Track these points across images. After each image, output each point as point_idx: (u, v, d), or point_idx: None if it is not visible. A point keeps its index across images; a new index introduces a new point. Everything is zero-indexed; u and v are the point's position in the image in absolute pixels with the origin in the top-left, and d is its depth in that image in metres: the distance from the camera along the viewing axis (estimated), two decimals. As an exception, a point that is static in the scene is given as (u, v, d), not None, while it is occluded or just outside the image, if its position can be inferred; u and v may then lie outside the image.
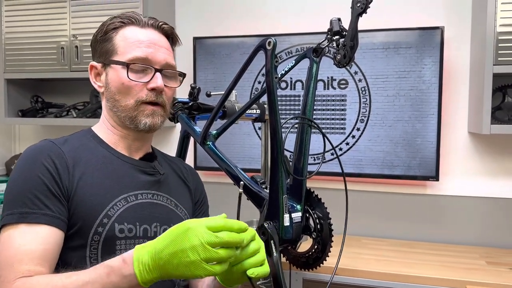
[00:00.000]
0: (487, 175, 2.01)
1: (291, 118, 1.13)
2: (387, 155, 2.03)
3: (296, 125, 1.04)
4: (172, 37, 1.04)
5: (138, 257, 0.73)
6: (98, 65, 1.00)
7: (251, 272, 0.74)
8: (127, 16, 0.99)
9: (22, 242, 0.83)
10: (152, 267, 0.71)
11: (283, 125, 0.96)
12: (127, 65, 0.95)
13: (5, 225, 0.86)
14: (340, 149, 2.09)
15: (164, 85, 0.98)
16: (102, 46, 0.99)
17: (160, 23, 1.01)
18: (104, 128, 1.02)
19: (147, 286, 0.74)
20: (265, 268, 0.76)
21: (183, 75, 1.05)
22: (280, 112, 0.98)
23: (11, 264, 0.81)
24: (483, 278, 1.59)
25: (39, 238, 0.84)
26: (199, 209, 1.14)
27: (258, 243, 0.77)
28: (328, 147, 1.90)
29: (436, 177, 1.97)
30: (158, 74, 0.96)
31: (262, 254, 0.77)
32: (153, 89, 0.96)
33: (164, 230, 0.98)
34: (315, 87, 1.00)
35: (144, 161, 1.03)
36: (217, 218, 0.72)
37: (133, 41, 0.96)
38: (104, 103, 1.02)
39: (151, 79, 0.96)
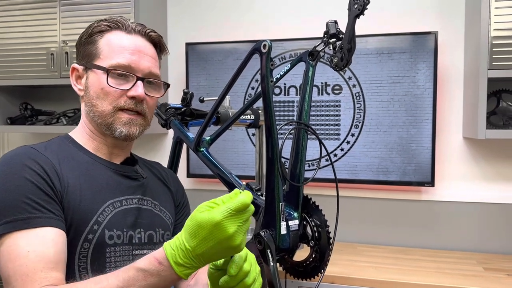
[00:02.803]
0: (482, 180, 2.00)
1: (287, 123, 1.10)
2: (382, 160, 2.02)
3: (292, 131, 1.01)
4: (159, 46, 1.01)
5: (174, 259, 0.72)
6: (80, 68, 0.97)
7: None
8: (114, 20, 0.97)
9: (31, 248, 0.79)
10: (193, 263, 0.72)
11: (278, 131, 0.94)
12: (107, 71, 0.92)
13: (2, 235, 0.81)
14: (335, 155, 2.07)
15: (146, 94, 0.95)
16: (85, 48, 0.97)
17: (148, 31, 0.98)
18: (83, 134, 0.99)
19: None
20: None
21: (167, 85, 1.02)
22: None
23: (25, 274, 0.78)
24: (481, 284, 1.57)
25: (47, 242, 0.81)
26: (181, 211, 1.11)
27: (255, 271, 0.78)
28: (324, 153, 1.88)
29: (431, 183, 1.96)
30: (139, 82, 0.94)
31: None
32: (133, 97, 0.94)
33: (149, 235, 0.97)
34: (311, 92, 0.98)
35: (125, 165, 1.01)
36: (232, 198, 0.71)
37: (117, 47, 0.94)
38: (83, 108, 0.99)
39: (132, 87, 0.93)
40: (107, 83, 0.92)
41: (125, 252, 0.92)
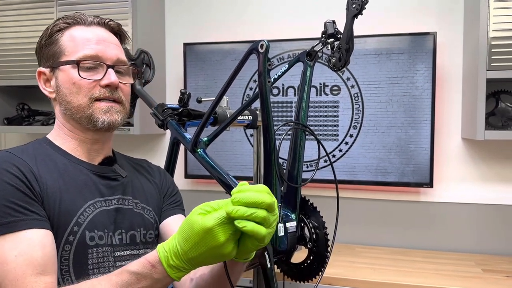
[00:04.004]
0: (481, 181, 2.00)
1: (285, 124, 1.09)
2: (380, 161, 2.01)
3: (290, 132, 1.00)
4: (120, 34, 1.01)
5: (167, 262, 0.72)
6: (46, 70, 0.97)
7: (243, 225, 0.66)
8: (71, 17, 0.97)
9: (18, 252, 0.78)
10: (186, 266, 0.71)
11: (276, 131, 0.93)
12: (77, 63, 0.91)
13: None
14: (333, 155, 2.06)
15: (119, 81, 0.95)
16: (48, 50, 0.96)
17: (107, 20, 0.98)
18: (60, 134, 0.98)
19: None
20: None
21: (136, 71, 1.02)
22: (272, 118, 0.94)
23: (14, 279, 0.76)
24: (480, 286, 1.57)
25: (34, 245, 0.79)
26: (169, 199, 1.09)
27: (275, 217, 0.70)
28: (322, 153, 1.87)
29: (430, 184, 1.95)
30: (110, 70, 0.93)
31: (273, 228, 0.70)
32: (107, 86, 0.93)
33: (131, 236, 0.96)
34: (309, 92, 0.97)
35: (104, 165, 0.99)
36: (227, 205, 0.67)
37: (81, 40, 0.93)
38: (57, 110, 0.98)
39: (103, 75, 0.93)
40: (79, 75, 0.91)
41: (107, 253, 0.91)
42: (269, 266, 0.90)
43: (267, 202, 0.65)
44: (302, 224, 0.99)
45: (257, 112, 1.50)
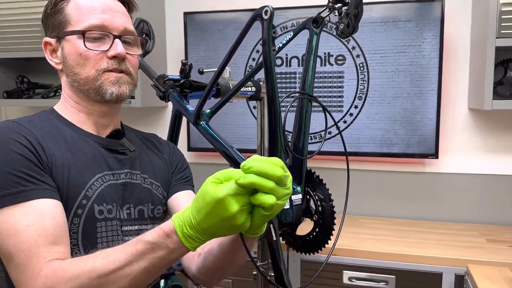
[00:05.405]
0: (487, 152, 1.98)
1: (289, 95, 1.06)
2: (385, 133, 1.98)
3: (295, 103, 0.97)
4: (127, 2, 0.97)
5: (182, 231, 0.69)
6: (52, 41, 0.93)
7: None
8: None
9: (29, 222, 0.76)
10: (200, 236, 0.69)
11: (281, 103, 0.90)
12: (82, 34, 0.88)
13: None
14: (338, 127, 2.04)
15: (126, 52, 0.91)
16: (53, 19, 0.92)
17: None
18: (67, 107, 0.95)
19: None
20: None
21: (144, 41, 0.99)
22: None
23: (27, 249, 0.75)
24: (484, 256, 1.57)
25: (45, 214, 0.78)
26: (178, 174, 1.07)
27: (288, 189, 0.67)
28: (330, 124, 1.84)
29: (435, 155, 1.93)
30: (117, 40, 0.90)
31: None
32: (114, 57, 0.90)
33: (139, 211, 0.95)
34: (315, 61, 0.94)
35: (112, 139, 0.97)
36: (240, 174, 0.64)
37: (86, 9, 0.89)
38: (64, 80, 0.95)
39: (110, 46, 0.89)
40: (85, 46, 0.88)
41: (116, 227, 0.90)
42: (274, 238, 0.89)
43: (277, 174, 0.63)
44: (308, 197, 0.98)
45: (261, 83, 1.46)
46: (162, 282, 1.24)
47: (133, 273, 0.71)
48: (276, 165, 0.64)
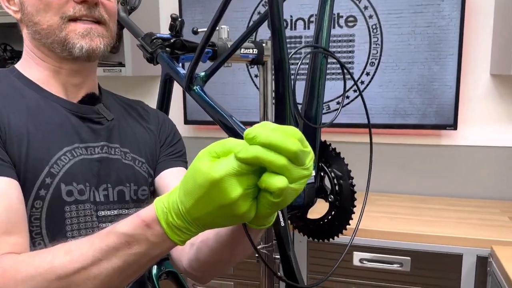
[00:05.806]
0: (510, 122, 1.83)
1: (302, 48, 0.89)
2: (399, 102, 1.84)
3: (306, 60, 0.81)
4: None
5: (167, 220, 0.53)
6: None
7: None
8: None
9: None
10: (191, 227, 0.52)
11: (290, 59, 0.74)
12: None
13: None
14: (347, 97, 1.88)
15: None
16: None
17: None
18: (30, 64, 0.79)
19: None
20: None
21: None
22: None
23: None
24: (507, 236, 1.45)
25: None
26: (166, 150, 0.91)
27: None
28: (348, 87, 1.68)
29: (454, 126, 1.80)
30: None
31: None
32: (83, 1, 0.73)
33: (119, 192, 0.79)
34: (332, 6, 0.76)
35: (85, 104, 0.81)
36: (242, 147, 0.47)
37: None
38: (25, 33, 0.79)
39: None
40: None
41: (89, 211, 0.75)
42: (282, 224, 0.74)
43: (291, 148, 0.45)
44: (322, 174, 0.82)
45: (264, 45, 1.30)
46: (154, 268, 1.12)
47: (102, 273, 0.56)
48: (291, 136, 0.46)
